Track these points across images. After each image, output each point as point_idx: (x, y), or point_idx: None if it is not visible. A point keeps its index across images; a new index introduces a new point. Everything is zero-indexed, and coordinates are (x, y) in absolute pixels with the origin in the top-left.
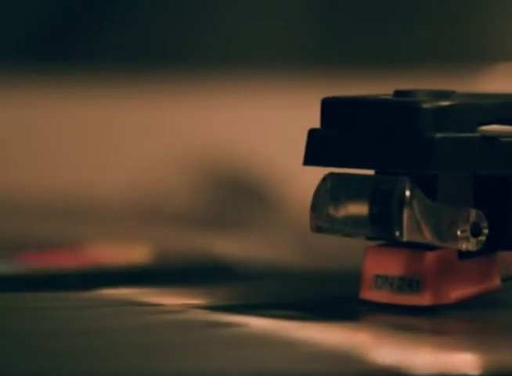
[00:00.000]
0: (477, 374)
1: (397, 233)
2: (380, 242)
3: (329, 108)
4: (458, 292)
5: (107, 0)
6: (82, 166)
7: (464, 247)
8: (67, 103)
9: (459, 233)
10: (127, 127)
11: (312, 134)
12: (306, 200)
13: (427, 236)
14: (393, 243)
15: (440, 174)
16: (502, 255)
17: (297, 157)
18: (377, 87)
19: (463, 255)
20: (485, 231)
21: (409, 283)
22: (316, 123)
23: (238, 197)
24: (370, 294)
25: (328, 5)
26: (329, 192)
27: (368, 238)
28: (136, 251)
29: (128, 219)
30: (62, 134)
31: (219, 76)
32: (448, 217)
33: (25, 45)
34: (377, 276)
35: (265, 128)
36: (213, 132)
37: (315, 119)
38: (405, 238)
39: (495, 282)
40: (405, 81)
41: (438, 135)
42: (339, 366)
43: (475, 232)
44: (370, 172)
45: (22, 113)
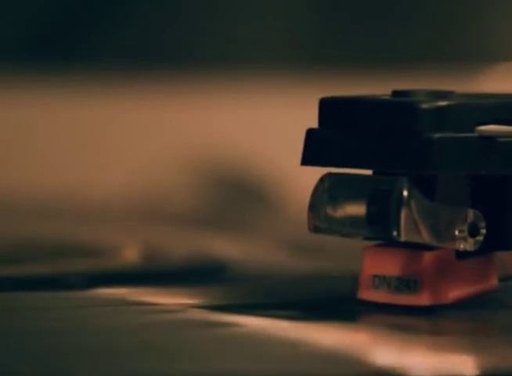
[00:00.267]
0: (474, 374)
1: (395, 233)
2: (378, 242)
3: (327, 108)
4: (456, 292)
5: (107, 0)
6: (82, 166)
7: (462, 247)
8: (67, 103)
9: (456, 233)
10: (127, 127)
11: (310, 134)
12: (306, 201)
13: (425, 237)
14: (391, 243)
15: (438, 174)
16: (500, 255)
17: (296, 157)
18: (377, 87)
19: (461, 255)
20: (483, 231)
21: (407, 283)
22: (316, 123)
23: (238, 197)
24: (368, 294)
25: (328, 5)
26: (327, 192)
27: (366, 238)
28: (135, 251)
29: (128, 219)
30: (62, 134)
31: (219, 76)
32: (446, 217)
33: (25, 45)
34: (375, 276)
35: (265, 128)
36: (213, 132)
37: (314, 119)
38: (402, 238)
39: (493, 282)
40: (405, 81)
41: (436, 136)
42: (336, 367)
43: (473, 232)
44: (368, 172)
45: (22, 113)
